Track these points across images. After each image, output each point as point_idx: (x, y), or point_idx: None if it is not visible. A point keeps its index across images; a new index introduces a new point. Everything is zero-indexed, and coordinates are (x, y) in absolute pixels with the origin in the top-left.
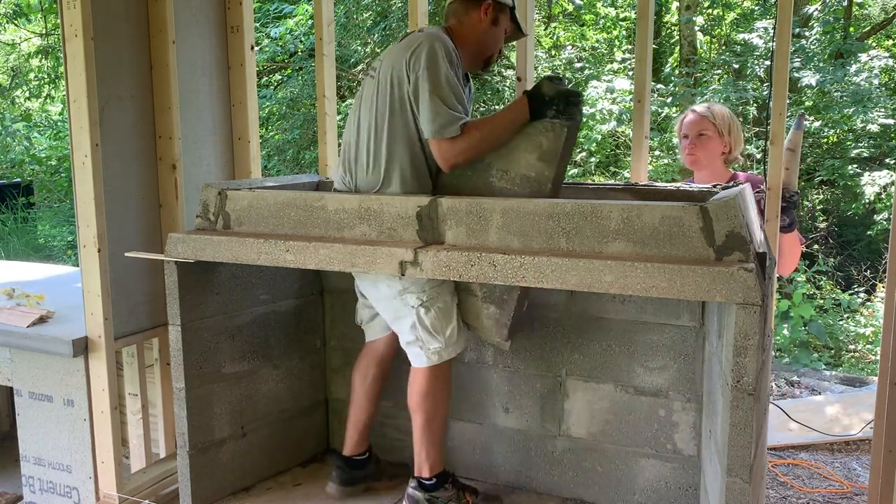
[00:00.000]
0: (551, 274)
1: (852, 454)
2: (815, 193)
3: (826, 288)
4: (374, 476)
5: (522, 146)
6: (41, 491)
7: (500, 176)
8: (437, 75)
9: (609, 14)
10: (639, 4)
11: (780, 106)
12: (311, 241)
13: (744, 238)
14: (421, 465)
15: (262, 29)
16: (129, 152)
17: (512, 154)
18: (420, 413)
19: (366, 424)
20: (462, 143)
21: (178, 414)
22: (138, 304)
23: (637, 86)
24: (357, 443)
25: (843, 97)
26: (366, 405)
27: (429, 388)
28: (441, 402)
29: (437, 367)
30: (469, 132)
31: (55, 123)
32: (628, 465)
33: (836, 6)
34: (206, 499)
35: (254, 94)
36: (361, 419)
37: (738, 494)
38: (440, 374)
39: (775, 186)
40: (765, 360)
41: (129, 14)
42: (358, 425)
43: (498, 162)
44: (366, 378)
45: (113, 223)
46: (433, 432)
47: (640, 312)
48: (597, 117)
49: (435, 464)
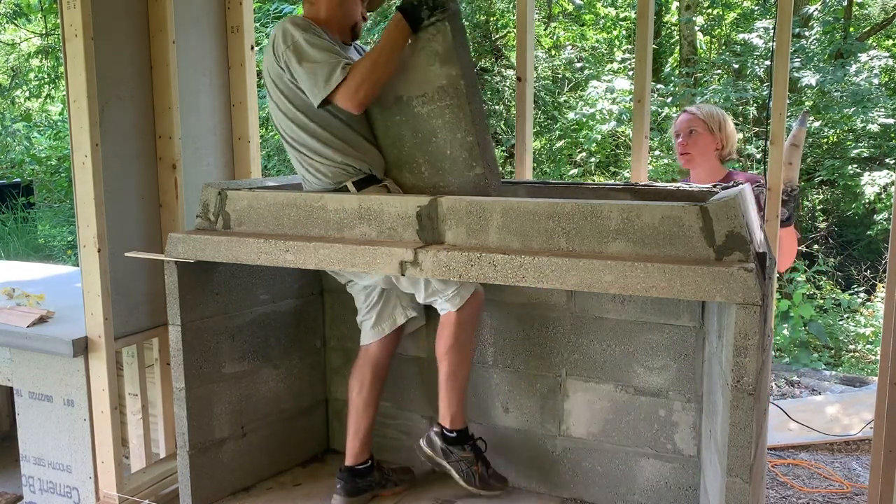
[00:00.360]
0: (551, 274)
1: (852, 454)
2: (815, 193)
3: (826, 288)
4: (379, 484)
5: (423, 62)
6: (41, 491)
7: (421, 102)
8: (297, 45)
9: (609, 14)
10: (639, 4)
11: (780, 106)
12: (311, 241)
13: (744, 238)
14: (444, 415)
15: (262, 29)
16: (129, 152)
17: (419, 75)
18: (445, 362)
19: (367, 432)
20: (354, 80)
21: (178, 414)
22: (138, 304)
23: (637, 86)
24: (359, 452)
25: (843, 97)
26: (365, 412)
27: (455, 338)
28: (466, 354)
29: (464, 314)
30: (355, 68)
31: (55, 123)
32: (628, 465)
33: (836, 6)
34: (206, 499)
35: (254, 94)
36: (362, 427)
37: (738, 494)
38: (466, 323)
39: (775, 187)
40: (765, 360)
41: (129, 14)
42: (359, 433)
43: (412, 90)
44: (363, 385)
45: (113, 223)
46: (457, 383)
47: (640, 312)
48: (597, 117)
49: (456, 417)
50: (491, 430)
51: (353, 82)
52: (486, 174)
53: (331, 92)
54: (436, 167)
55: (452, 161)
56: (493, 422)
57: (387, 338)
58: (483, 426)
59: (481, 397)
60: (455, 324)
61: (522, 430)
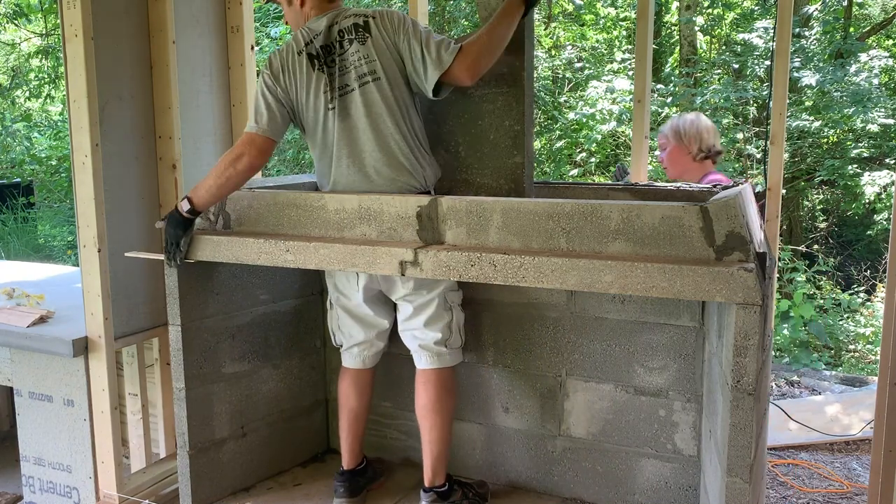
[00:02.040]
0: (551, 274)
1: (852, 454)
2: (815, 193)
3: (826, 288)
4: (372, 478)
5: None
6: (41, 491)
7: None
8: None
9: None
10: (639, 4)
11: (780, 106)
12: (311, 241)
13: (744, 238)
14: (436, 474)
15: (262, 29)
16: (129, 152)
17: None
18: (439, 416)
19: (364, 433)
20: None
21: (178, 414)
22: (138, 304)
23: (637, 86)
24: (359, 453)
25: (843, 97)
26: (364, 415)
27: (450, 389)
28: (454, 404)
29: (454, 367)
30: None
31: (55, 123)
32: (628, 465)
33: (836, 6)
34: (206, 499)
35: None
36: (360, 430)
37: (738, 494)
38: (454, 374)
39: (775, 186)
40: (765, 360)
41: (129, 14)
42: (359, 437)
43: None
44: (363, 393)
45: (113, 223)
46: (448, 436)
47: (640, 312)
48: (597, 117)
49: (443, 471)
50: (491, 430)
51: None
52: (525, 164)
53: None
54: (474, 149)
55: (493, 146)
56: (493, 422)
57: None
58: (483, 426)
59: (481, 397)
60: (450, 376)
61: (522, 430)
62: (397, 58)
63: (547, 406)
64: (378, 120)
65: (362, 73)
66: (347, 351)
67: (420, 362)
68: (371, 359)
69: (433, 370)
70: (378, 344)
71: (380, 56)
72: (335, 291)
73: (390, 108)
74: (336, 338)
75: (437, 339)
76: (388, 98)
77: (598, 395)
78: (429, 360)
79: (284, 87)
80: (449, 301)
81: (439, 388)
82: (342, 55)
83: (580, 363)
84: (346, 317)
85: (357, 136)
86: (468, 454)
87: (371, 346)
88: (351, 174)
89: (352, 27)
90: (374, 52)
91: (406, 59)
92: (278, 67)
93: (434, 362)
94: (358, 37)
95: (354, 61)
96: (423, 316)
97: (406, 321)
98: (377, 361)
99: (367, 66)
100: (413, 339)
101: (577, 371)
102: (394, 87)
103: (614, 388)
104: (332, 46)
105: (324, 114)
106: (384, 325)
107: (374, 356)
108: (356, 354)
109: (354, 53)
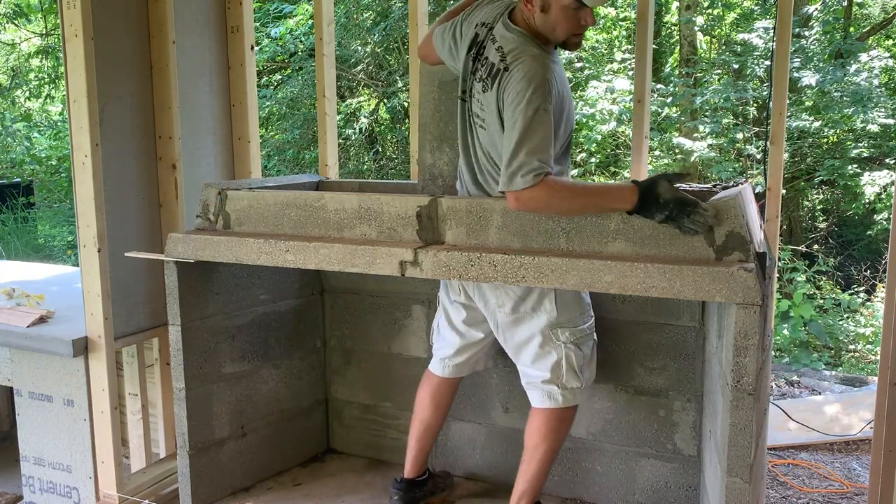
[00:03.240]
0: (551, 274)
1: (852, 454)
2: (815, 193)
3: (826, 288)
4: (431, 491)
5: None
6: (41, 491)
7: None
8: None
9: (609, 14)
10: (639, 4)
11: (780, 106)
12: (311, 241)
13: (744, 238)
14: (521, 498)
15: (262, 29)
16: (128, 152)
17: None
18: (540, 450)
19: (431, 447)
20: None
21: (178, 414)
22: (138, 304)
23: (637, 86)
24: (422, 464)
25: (843, 97)
26: (437, 429)
27: (557, 427)
28: (561, 442)
29: (570, 407)
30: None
31: (55, 123)
32: (628, 465)
33: (836, 6)
34: (206, 499)
35: (254, 94)
36: (429, 443)
37: (738, 494)
38: (570, 414)
39: (775, 186)
40: (765, 360)
41: (129, 14)
42: (426, 449)
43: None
44: (440, 405)
45: (113, 223)
46: (546, 471)
47: (640, 312)
48: (597, 117)
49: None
50: (491, 430)
51: (544, 194)
52: None
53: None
54: None
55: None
56: (493, 421)
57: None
58: (483, 426)
59: (482, 397)
60: (560, 416)
61: (523, 430)
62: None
63: None
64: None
65: (476, 113)
66: (435, 354)
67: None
68: (454, 369)
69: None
70: (466, 355)
71: (490, 113)
72: (443, 291)
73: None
74: (431, 336)
75: (544, 379)
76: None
77: (597, 394)
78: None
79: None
80: (560, 338)
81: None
82: (474, 80)
83: None
84: (443, 317)
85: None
86: (468, 454)
87: (458, 355)
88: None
89: (489, 65)
90: (487, 106)
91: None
92: None
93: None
94: (484, 82)
95: (476, 98)
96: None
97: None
98: (464, 374)
99: (479, 109)
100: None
101: None
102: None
103: (614, 388)
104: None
105: (459, 100)
106: (477, 337)
107: (457, 367)
108: (439, 360)
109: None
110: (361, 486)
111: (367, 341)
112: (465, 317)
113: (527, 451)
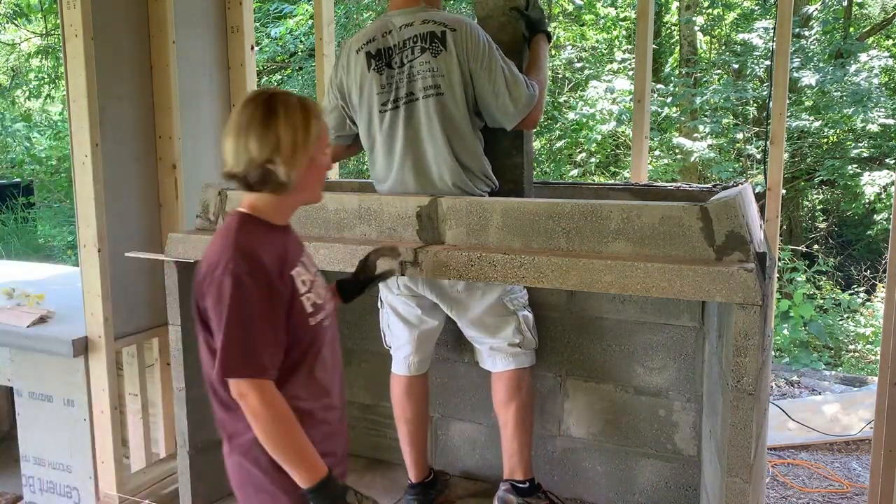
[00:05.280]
0: (551, 274)
1: (852, 454)
2: (815, 193)
3: (826, 288)
4: (440, 490)
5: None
6: (41, 491)
7: None
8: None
9: (609, 14)
10: (639, 4)
11: (780, 106)
12: (311, 242)
13: (744, 238)
14: (514, 468)
15: (262, 29)
16: (128, 152)
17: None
18: (518, 411)
19: (426, 444)
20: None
21: (178, 414)
22: (138, 304)
23: (637, 86)
24: (426, 465)
25: (843, 97)
26: (425, 425)
27: (527, 385)
28: (530, 400)
29: (530, 367)
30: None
31: (55, 123)
32: (628, 465)
33: (836, 6)
34: (206, 499)
35: None
36: (423, 441)
37: (738, 494)
38: (530, 373)
39: (775, 186)
40: (765, 360)
41: (129, 14)
42: (422, 448)
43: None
44: (419, 404)
45: (113, 223)
46: (528, 431)
47: (640, 312)
48: (597, 117)
49: (528, 466)
50: (491, 430)
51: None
52: (525, 164)
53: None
54: None
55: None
56: (493, 421)
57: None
58: (483, 426)
59: (482, 397)
60: (528, 374)
61: None
62: (467, 80)
63: (547, 406)
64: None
65: (428, 86)
66: (395, 355)
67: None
68: (419, 365)
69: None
70: (425, 347)
71: (449, 73)
72: (384, 288)
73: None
74: (384, 339)
75: (509, 343)
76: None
77: (598, 395)
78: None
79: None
80: (513, 305)
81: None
82: (412, 62)
83: (580, 363)
84: (391, 315)
85: (420, 146)
86: (468, 454)
87: (418, 350)
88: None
89: (428, 35)
90: (445, 68)
91: (479, 88)
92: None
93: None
94: (432, 48)
95: (423, 71)
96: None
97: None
98: (427, 368)
99: (432, 79)
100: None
101: (577, 371)
102: (456, 105)
103: (614, 388)
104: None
105: (378, 116)
106: (432, 325)
107: (420, 362)
108: (402, 360)
109: (424, 63)
110: (361, 486)
111: (367, 341)
112: (414, 308)
113: (500, 417)
